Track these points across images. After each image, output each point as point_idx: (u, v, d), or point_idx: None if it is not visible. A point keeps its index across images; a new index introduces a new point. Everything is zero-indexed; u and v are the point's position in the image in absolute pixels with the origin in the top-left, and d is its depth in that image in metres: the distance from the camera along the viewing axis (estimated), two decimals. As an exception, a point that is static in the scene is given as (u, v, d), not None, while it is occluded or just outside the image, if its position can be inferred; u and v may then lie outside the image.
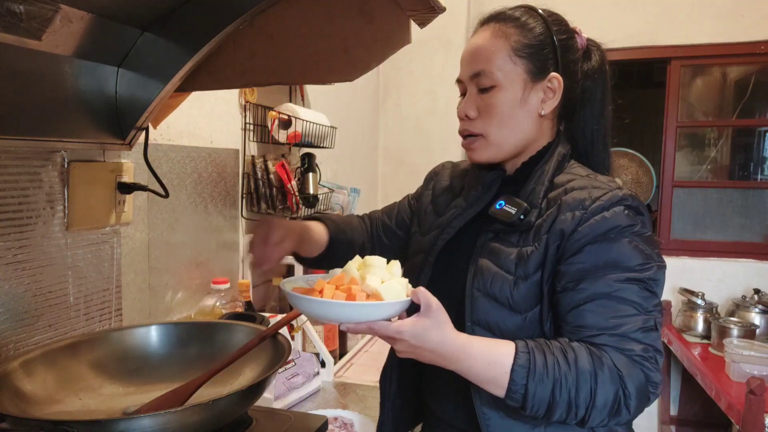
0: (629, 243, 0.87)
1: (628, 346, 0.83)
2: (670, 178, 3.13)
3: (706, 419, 2.95)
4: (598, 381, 0.80)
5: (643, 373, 0.82)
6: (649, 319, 0.85)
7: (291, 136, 1.80)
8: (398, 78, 3.20)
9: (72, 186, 1.15)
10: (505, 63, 0.95)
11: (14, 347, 1.04)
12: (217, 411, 0.81)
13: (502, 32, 0.96)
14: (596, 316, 0.84)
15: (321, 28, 1.13)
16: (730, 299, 2.83)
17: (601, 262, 0.86)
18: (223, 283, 1.50)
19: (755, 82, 3.13)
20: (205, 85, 1.21)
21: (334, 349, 1.74)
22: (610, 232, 0.87)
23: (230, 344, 1.06)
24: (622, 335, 0.83)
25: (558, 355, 0.81)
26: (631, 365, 0.82)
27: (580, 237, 0.87)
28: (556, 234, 0.89)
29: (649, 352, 0.83)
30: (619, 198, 0.89)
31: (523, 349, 0.82)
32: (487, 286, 0.92)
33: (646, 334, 0.84)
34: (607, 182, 0.93)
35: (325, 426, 1.04)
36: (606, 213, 0.88)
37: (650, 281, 0.86)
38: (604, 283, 0.85)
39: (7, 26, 0.84)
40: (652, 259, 0.87)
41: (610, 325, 0.84)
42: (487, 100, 0.96)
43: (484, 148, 0.98)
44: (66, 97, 1.04)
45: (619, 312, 0.84)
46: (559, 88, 0.97)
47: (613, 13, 3.05)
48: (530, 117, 0.97)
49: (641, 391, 0.81)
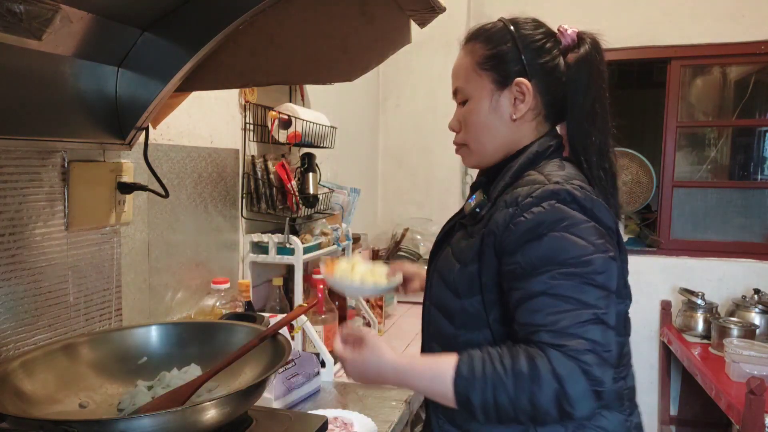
0: (561, 237, 0.86)
1: (565, 341, 0.82)
2: (670, 178, 3.13)
3: (706, 419, 2.95)
4: (534, 383, 0.81)
5: (579, 369, 0.80)
6: (588, 312, 0.83)
7: (291, 136, 1.80)
8: (398, 78, 3.20)
9: (72, 186, 1.15)
10: (472, 77, 1.04)
11: (14, 347, 1.04)
12: (217, 411, 0.81)
13: (470, 49, 1.05)
14: (534, 314, 0.86)
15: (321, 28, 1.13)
16: (730, 299, 2.83)
17: (535, 260, 0.87)
18: (223, 283, 1.50)
19: (755, 82, 3.13)
20: (205, 85, 1.21)
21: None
22: (539, 228, 0.88)
23: (230, 344, 1.06)
24: (559, 331, 0.83)
25: (496, 363, 0.84)
26: (568, 363, 0.80)
27: (512, 234, 0.90)
28: (490, 230, 0.93)
29: (588, 345, 0.81)
30: (550, 192, 0.89)
31: (464, 359, 0.86)
32: (441, 269, 1.03)
33: (585, 329, 0.82)
34: (554, 177, 0.92)
35: (325, 426, 1.04)
36: (535, 209, 0.89)
37: (593, 275, 0.85)
38: (538, 281, 0.86)
39: (7, 26, 0.84)
40: (593, 251, 0.85)
41: (547, 322, 0.84)
42: (465, 113, 1.06)
43: (468, 155, 1.09)
44: (66, 97, 1.04)
45: (555, 308, 0.84)
46: (528, 91, 1.00)
47: (613, 13, 3.05)
48: (503, 122, 1.03)
49: (582, 390, 0.80)
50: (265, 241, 1.79)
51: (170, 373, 1.01)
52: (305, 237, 1.83)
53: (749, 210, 3.17)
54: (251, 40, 1.12)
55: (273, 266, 1.90)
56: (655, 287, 3.04)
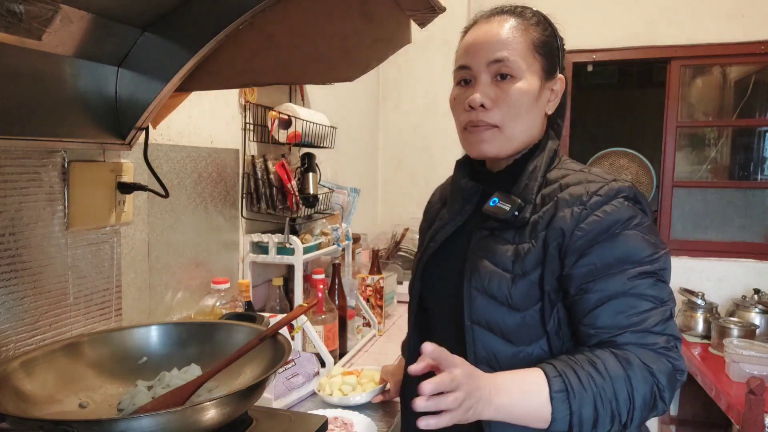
0: (635, 236, 0.86)
1: (651, 340, 0.83)
2: (670, 178, 3.13)
3: (706, 419, 2.95)
4: (632, 383, 0.79)
5: (669, 364, 0.82)
6: (666, 309, 0.85)
7: (291, 136, 1.80)
8: (398, 78, 3.20)
9: (72, 186, 1.15)
10: (527, 55, 0.94)
11: (14, 347, 1.04)
12: (217, 411, 0.81)
13: (524, 26, 0.95)
14: (616, 316, 0.84)
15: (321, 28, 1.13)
16: (730, 299, 2.83)
17: (611, 260, 0.85)
18: (223, 283, 1.50)
19: (755, 82, 3.13)
20: (205, 85, 1.21)
21: (334, 349, 1.74)
22: (613, 228, 0.86)
23: (230, 344, 1.06)
24: (645, 330, 0.83)
25: (589, 369, 0.80)
26: (657, 358, 0.82)
27: (583, 235, 0.86)
28: (555, 232, 0.88)
29: (671, 341, 0.84)
30: (617, 190, 0.89)
31: (553, 373, 0.80)
32: (485, 284, 0.91)
33: (665, 325, 0.84)
34: (602, 174, 0.92)
35: (325, 426, 1.04)
36: (606, 207, 0.87)
37: (661, 271, 0.86)
38: (618, 282, 0.84)
39: (7, 26, 0.84)
40: (658, 248, 0.87)
41: (631, 323, 0.83)
42: (509, 91, 0.93)
43: (496, 140, 0.95)
44: (66, 97, 1.04)
45: (637, 308, 0.84)
46: (561, 90, 0.99)
47: (613, 13, 3.05)
48: (540, 114, 0.98)
49: (672, 381, 0.82)
50: (265, 241, 1.79)
51: (170, 373, 1.01)
52: (305, 237, 1.83)
53: (749, 210, 3.17)
54: (251, 40, 1.12)
55: (273, 266, 1.90)
56: (655, 287, 3.04)
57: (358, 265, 2.33)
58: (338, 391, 1.42)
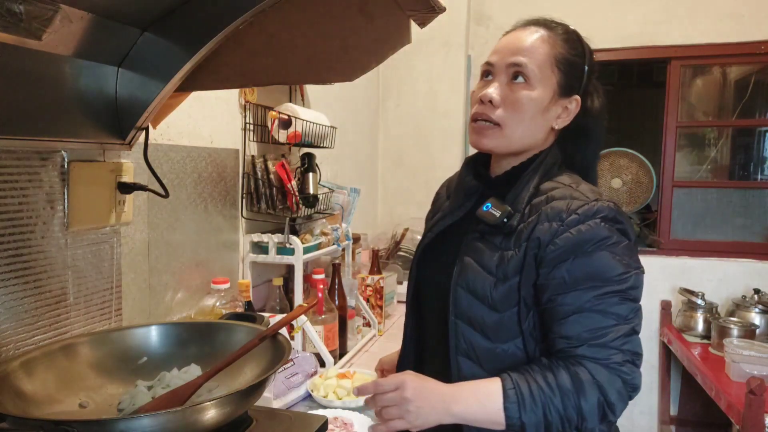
0: (606, 256, 0.90)
1: (607, 354, 0.88)
2: (670, 178, 3.13)
3: (706, 419, 2.95)
4: (580, 396, 0.86)
5: (620, 379, 0.88)
6: (627, 327, 0.89)
7: (291, 136, 1.80)
8: (398, 78, 3.20)
9: (72, 186, 1.15)
10: (544, 68, 0.99)
11: (14, 347, 1.04)
12: (217, 411, 0.81)
13: (552, 40, 1.01)
14: (578, 328, 0.90)
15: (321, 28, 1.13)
16: (730, 299, 2.83)
17: (580, 276, 0.90)
18: (223, 283, 1.50)
19: (755, 82, 3.13)
20: (205, 85, 1.21)
21: (334, 349, 1.74)
22: (586, 245, 0.90)
23: (230, 344, 1.06)
24: (602, 345, 0.88)
25: (540, 382, 0.88)
26: (608, 373, 0.87)
27: (556, 249, 0.91)
28: (534, 242, 0.94)
29: (627, 356, 0.88)
30: (595, 210, 0.92)
31: (509, 386, 0.88)
32: (470, 283, 0.98)
33: (624, 341, 0.89)
34: (588, 192, 0.96)
35: (325, 426, 1.04)
36: (581, 226, 0.91)
37: (629, 290, 0.90)
38: (584, 297, 0.90)
39: (7, 26, 0.84)
40: (630, 268, 0.91)
41: (590, 337, 0.89)
42: (519, 95, 0.99)
43: (495, 137, 1.01)
44: (66, 97, 1.04)
45: (599, 324, 0.89)
46: (575, 110, 1.03)
47: (613, 13, 3.05)
48: (545, 126, 1.02)
49: (621, 396, 0.88)
50: (265, 241, 1.79)
51: (170, 373, 1.01)
52: (305, 237, 1.83)
53: (749, 210, 3.17)
54: (251, 40, 1.12)
55: (273, 266, 1.90)
56: (655, 287, 3.04)
57: (358, 265, 2.33)
58: (333, 393, 1.43)
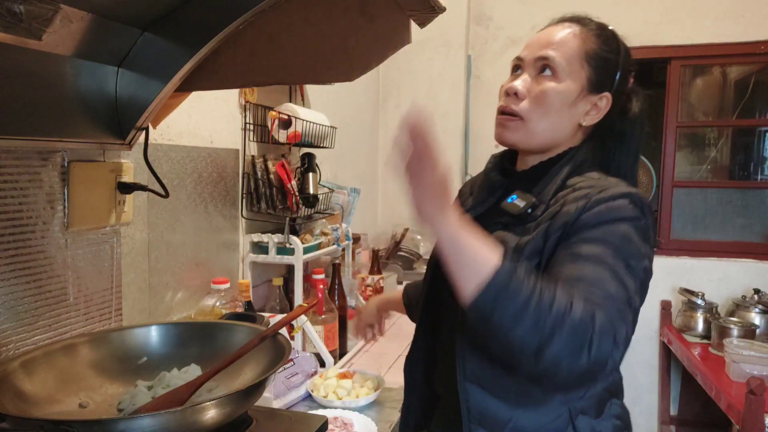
0: (628, 230, 0.86)
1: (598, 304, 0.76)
2: (670, 178, 3.13)
3: (706, 419, 2.95)
4: (572, 308, 0.73)
5: (607, 317, 0.74)
6: (627, 295, 0.80)
7: (291, 136, 1.80)
8: (398, 78, 3.20)
9: (72, 186, 1.15)
10: (573, 62, 0.97)
11: (14, 347, 1.04)
12: (217, 411, 0.81)
13: (583, 35, 0.99)
14: (583, 271, 0.80)
15: (321, 28, 1.13)
16: (730, 299, 2.83)
17: (606, 235, 0.85)
18: (223, 283, 1.50)
19: (755, 82, 3.13)
20: (205, 85, 1.21)
21: (334, 349, 1.74)
22: (612, 213, 0.86)
23: (230, 344, 1.06)
24: (599, 298, 0.77)
25: (539, 279, 0.75)
26: (602, 312, 0.74)
27: (583, 223, 0.87)
28: (557, 225, 0.89)
29: (622, 307, 0.77)
30: (625, 192, 0.90)
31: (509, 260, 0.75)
32: None
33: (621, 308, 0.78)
34: (617, 182, 0.94)
35: (325, 426, 1.04)
36: (611, 203, 0.88)
37: (640, 271, 0.85)
38: (604, 252, 0.82)
39: (7, 26, 0.84)
40: (646, 257, 0.87)
41: (593, 281, 0.78)
42: (546, 88, 0.97)
43: (517, 130, 0.99)
44: (66, 97, 1.04)
45: (603, 276, 0.79)
46: (605, 108, 1.01)
47: (612, 13, 3.03)
48: (571, 122, 1.00)
49: (606, 330, 0.73)
50: (265, 241, 1.79)
51: (170, 373, 1.01)
52: (305, 237, 1.83)
53: (749, 210, 3.17)
54: (251, 40, 1.12)
55: (273, 266, 1.90)
56: (655, 287, 3.00)
57: (358, 265, 2.33)
58: (333, 393, 1.43)
